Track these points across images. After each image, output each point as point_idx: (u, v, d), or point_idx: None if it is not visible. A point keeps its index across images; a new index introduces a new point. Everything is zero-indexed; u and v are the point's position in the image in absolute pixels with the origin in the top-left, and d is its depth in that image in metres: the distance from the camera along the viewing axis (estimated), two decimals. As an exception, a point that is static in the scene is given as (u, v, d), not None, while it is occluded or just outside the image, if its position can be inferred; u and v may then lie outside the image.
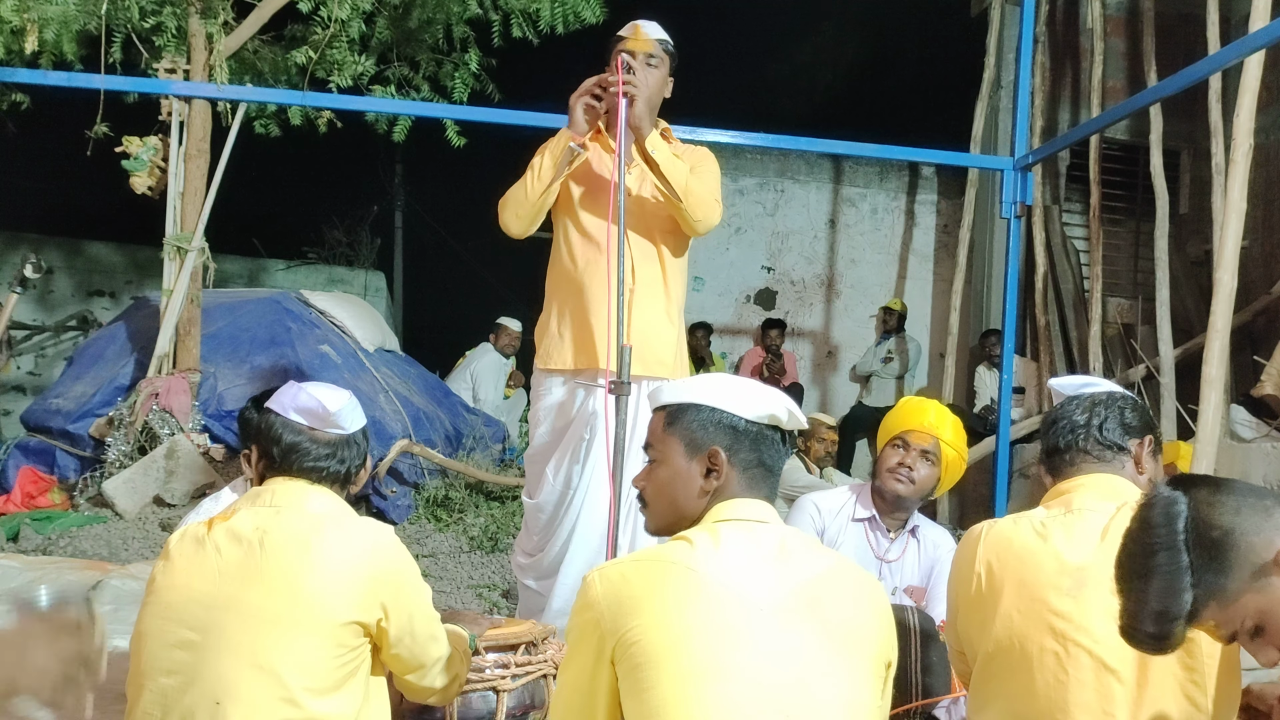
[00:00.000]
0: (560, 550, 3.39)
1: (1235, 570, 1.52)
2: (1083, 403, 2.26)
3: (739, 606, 1.72)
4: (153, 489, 5.67)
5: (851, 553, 3.32)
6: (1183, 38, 8.43)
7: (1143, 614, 1.57)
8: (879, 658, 1.79)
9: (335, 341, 6.82)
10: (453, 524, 6.14)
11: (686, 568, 1.75)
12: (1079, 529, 2.06)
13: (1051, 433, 2.27)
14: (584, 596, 1.80)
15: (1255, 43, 4.60)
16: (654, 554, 1.83)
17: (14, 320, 7.38)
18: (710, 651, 1.68)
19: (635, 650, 1.69)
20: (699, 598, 1.72)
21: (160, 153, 5.97)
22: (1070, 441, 2.22)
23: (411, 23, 6.67)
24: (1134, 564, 1.60)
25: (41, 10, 5.58)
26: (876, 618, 1.82)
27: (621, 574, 1.79)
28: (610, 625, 1.73)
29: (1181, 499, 1.57)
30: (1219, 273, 5.06)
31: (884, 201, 10.43)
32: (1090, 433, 2.21)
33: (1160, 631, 1.56)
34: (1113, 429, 2.22)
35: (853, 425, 9.00)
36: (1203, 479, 1.62)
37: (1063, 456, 2.23)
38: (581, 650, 1.79)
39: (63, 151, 6.90)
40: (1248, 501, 1.56)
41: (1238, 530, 1.53)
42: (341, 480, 2.22)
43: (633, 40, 3.38)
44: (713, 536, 1.82)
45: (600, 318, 3.32)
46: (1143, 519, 1.61)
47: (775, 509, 1.93)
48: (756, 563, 1.78)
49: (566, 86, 3.37)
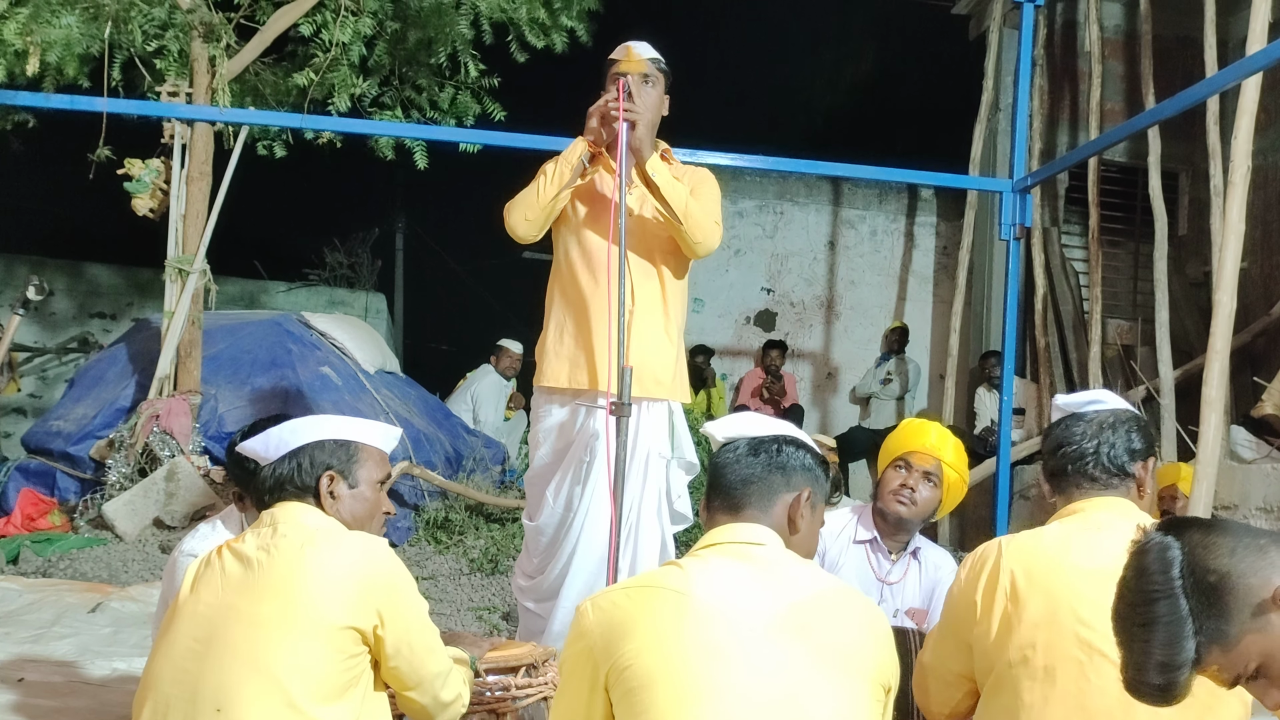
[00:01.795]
0: (561, 572, 3.38)
1: (1235, 613, 1.50)
2: (1090, 426, 2.26)
3: (730, 627, 1.74)
4: (153, 511, 5.66)
5: (853, 574, 3.32)
6: (1180, 60, 8.48)
7: (1148, 666, 1.54)
8: (876, 680, 1.80)
9: (336, 363, 6.82)
10: (453, 546, 6.13)
11: (677, 592, 1.78)
12: (1102, 541, 2.06)
13: (1059, 455, 2.27)
14: (577, 626, 1.84)
15: (1253, 65, 4.62)
16: (645, 580, 1.88)
17: (15, 342, 7.38)
18: (703, 672, 1.70)
19: (629, 674, 1.72)
20: (690, 620, 1.74)
21: (162, 175, 6.00)
22: (1079, 467, 2.23)
23: (411, 46, 6.70)
24: (1134, 614, 1.57)
25: (45, 33, 5.62)
26: (874, 641, 1.82)
27: (613, 601, 1.82)
28: (603, 652, 1.76)
29: (1174, 544, 1.55)
30: (1218, 294, 5.06)
31: (883, 223, 10.45)
32: (1099, 460, 2.22)
33: (1166, 682, 1.53)
34: (1120, 454, 2.22)
35: (852, 447, 8.98)
36: (1193, 521, 1.60)
37: (1069, 479, 2.24)
38: (575, 681, 1.81)
39: (65, 174, 6.93)
40: (1242, 542, 1.53)
41: (1234, 572, 1.51)
42: (314, 492, 2.23)
43: (625, 62, 3.38)
44: (702, 561, 1.86)
45: (600, 338, 3.32)
46: (1137, 567, 1.58)
47: (772, 524, 1.96)
48: (747, 584, 1.81)
49: (566, 108, 3.38)
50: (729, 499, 1.98)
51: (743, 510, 1.96)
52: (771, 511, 1.97)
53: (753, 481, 1.98)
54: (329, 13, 6.33)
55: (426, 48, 6.70)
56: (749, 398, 9.43)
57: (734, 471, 1.99)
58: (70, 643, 4.02)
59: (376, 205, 14.17)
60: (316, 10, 6.32)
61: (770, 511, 1.97)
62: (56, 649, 3.94)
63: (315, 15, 6.33)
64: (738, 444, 2.02)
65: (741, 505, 1.96)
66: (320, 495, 2.23)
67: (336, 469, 2.25)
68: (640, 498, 3.30)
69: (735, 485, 1.98)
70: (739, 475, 1.99)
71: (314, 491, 2.23)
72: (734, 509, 1.96)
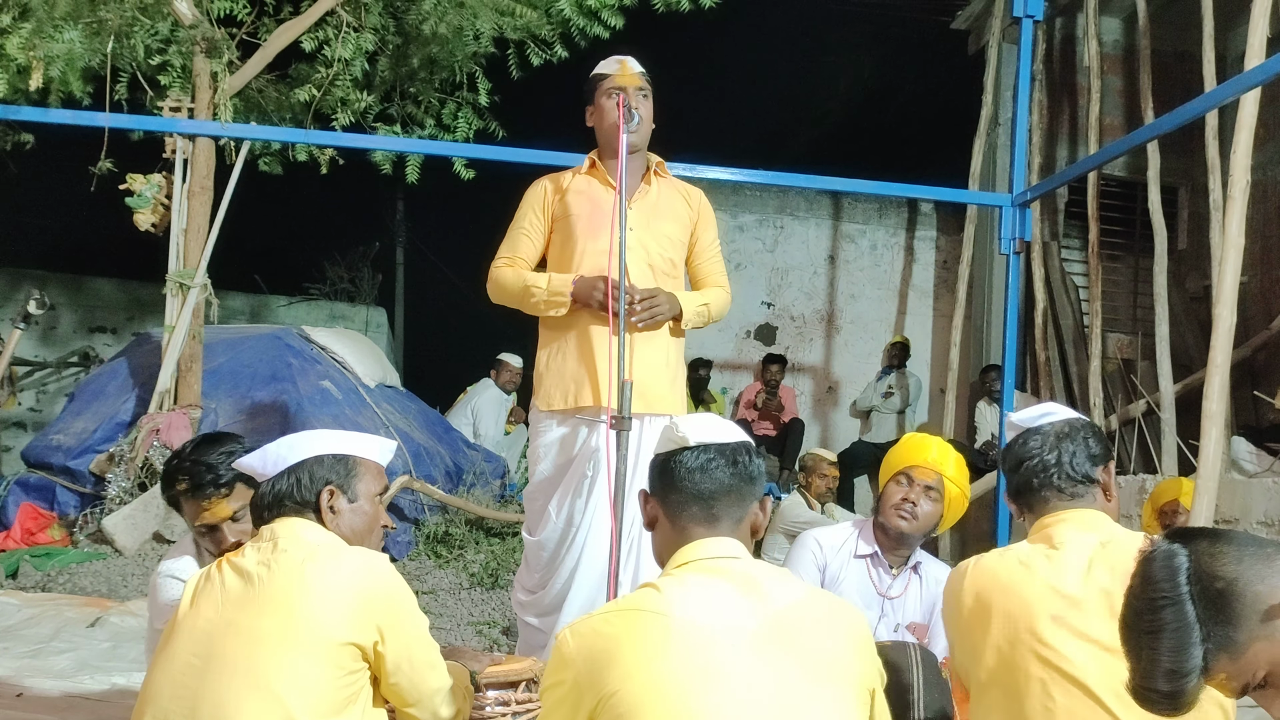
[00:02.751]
0: (563, 587, 3.37)
1: (1243, 621, 1.49)
2: (1047, 439, 2.30)
3: (714, 644, 1.73)
4: (153, 525, 5.65)
5: (853, 589, 3.31)
6: (1179, 75, 8.51)
7: (1155, 673, 1.53)
8: (860, 684, 1.80)
9: (336, 377, 6.82)
10: (453, 560, 6.12)
11: (657, 614, 1.76)
12: (1063, 561, 2.10)
13: (1022, 470, 2.30)
14: (558, 656, 1.81)
15: (1251, 80, 4.64)
16: (623, 604, 1.85)
17: (16, 356, 7.39)
18: (693, 693, 1.69)
19: (615, 700, 1.70)
20: (674, 642, 1.73)
21: (164, 190, 6.01)
22: (1044, 480, 2.26)
23: (414, 62, 6.73)
24: (1141, 621, 1.56)
25: (48, 48, 5.64)
26: (854, 645, 1.82)
27: (593, 628, 1.80)
28: (588, 681, 1.74)
29: (1181, 551, 1.54)
30: (1218, 308, 5.07)
31: (883, 237, 10.47)
32: (1062, 470, 2.26)
33: (1174, 689, 1.52)
34: (1081, 462, 2.26)
35: (853, 462, 8.97)
36: (1200, 530, 1.60)
37: (1036, 495, 2.27)
38: (560, 713, 1.79)
39: (67, 188, 6.95)
40: (1248, 550, 1.53)
41: (1241, 579, 1.50)
42: (313, 507, 2.23)
43: (622, 76, 3.42)
44: (678, 581, 1.84)
45: (600, 356, 3.33)
46: (1144, 575, 1.57)
47: (740, 536, 1.95)
48: (726, 600, 1.80)
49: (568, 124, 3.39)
50: (707, 508, 1.92)
51: (719, 522, 1.92)
52: (743, 523, 1.95)
53: (731, 492, 1.94)
54: (331, 29, 6.36)
55: (429, 65, 6.73)
56: (745, 409, 9.44)
57: (712, 479, 1.93)
58: (69, 657, 4.02)
59: (377, 219, 14.21)
60: (319, 26, 6.34)
61: (742, 523, 1.95)
62: (55, 664, 3.93)
63: (318, 31, 6.36)
64: (709, 449, 1.96)
65: (719, 517, 1.92)
66: (320, 510, 2.23)
67: (335, 484, 2.25)
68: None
69: (715, 495, 1.93)
70: (719, 484, 1.93)
71: (313, 506, 2.23)
72: (710, 520, 1.92)
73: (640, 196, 3.46)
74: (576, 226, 3.47)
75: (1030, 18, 6.28)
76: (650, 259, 3.44)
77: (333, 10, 6.31)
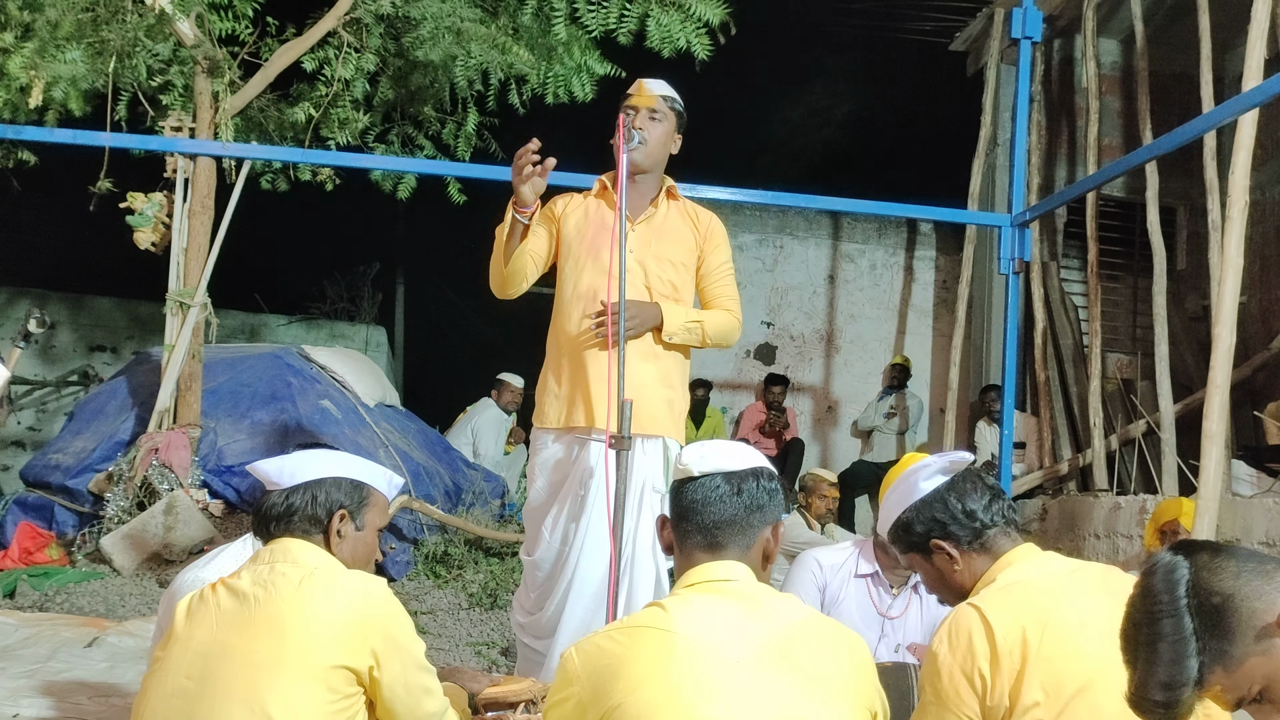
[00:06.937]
0: (557, 608, 3.36)
1: (1239, 635, 1.52)
2: (963, 487, 2.17)
3: (718, 662, 1.75)
4: (151, 545, 5.63)
5: (854, 609, 3.30)
6: (1177, 96, 8.54)
7: (1150, 683, 1.56)
8: (861, 705, 1.81)
9: (336, 397, 6.82)
10: (452, 580, 6.10)
11: (662, 631, 1.78)
12: (1082, 582, 2.05)
13: (965, 521, 2.15)
14: (563, 673, 1.83)
15: (1249, 101, 4.66)
16: (628, 622, 1.87)
17: (15, 375, 7.38)
18: (696, 708, 1.70)
19: (619, 714, 1.72)
20: (678, 658, 1.74)
21: (165, 209, 6.02)
22: (990, 520, 2.15)
23: (413, 83, 6.76)
24: (1138, 632, 1.60)
25: (50, 68, 5.67)
26: (854, 667, 1.83)
27: (598, 646, 1.82)
28: (592, 697, 1.76)
29: (1183, 564, 1.57)
30: (1217, 328, 5.07)
31: (883, 257, 10.49)
32: (1003, 511, 2.17)
33: (1168, 700, 1.55)
34: (1005, 508, 2.18)
35: (853, 481, 8.96)
36: (1202, 544, 1.62)
37: (993, 531, 2.16)
38: None
39: (67, 207, 6.96)
40: (1248, 565, 1.55)
41: (1239, 595, 1.53)
42: (321, 528, 2.22)
43: (636, 96, 3.45)
44: (683, 600, 1.86)
45: (597, 378, 3.32)
46: (1145, 586, 1.60)
47: (748, 561, 1.94)
48: (729, 619, 1.82)
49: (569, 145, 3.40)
50: (710, 538, 1.93)
51: (724, 550, 1.93)
52: (751, 549, 1.95)
53: (736, 523, 1.94)
54: (332, 49, 6.39)
55: (429, 87, 6.76)
56: (750, 431, 9.42)
57: (717, 511, 1.94)
58: (66, 678, 4.00)
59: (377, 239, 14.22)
60: (320, 47, 6.37)
61: (750, 550, 1.95)
62: (52, 684, 3.91)
63: (319, 51, 6.39)
64: (715, 479, 1.96)
65: (723, 545, 1.93)
66: (329, 532, 2.22)
67: (348, 508, 2.25)
68: (635, 533, 3.29)
69: (719, 525, 1.93)
70: (723, 515, 1.93)
71: (322, 527, 2.23)
72: (714, 549, 1.93)
73: (646, 218, 3.47)
74: (579, 245, 3.48)
75: (1029, 39, 6.32)
76: (649, 280, 3.45)
77: (334, 31, 6.34)
